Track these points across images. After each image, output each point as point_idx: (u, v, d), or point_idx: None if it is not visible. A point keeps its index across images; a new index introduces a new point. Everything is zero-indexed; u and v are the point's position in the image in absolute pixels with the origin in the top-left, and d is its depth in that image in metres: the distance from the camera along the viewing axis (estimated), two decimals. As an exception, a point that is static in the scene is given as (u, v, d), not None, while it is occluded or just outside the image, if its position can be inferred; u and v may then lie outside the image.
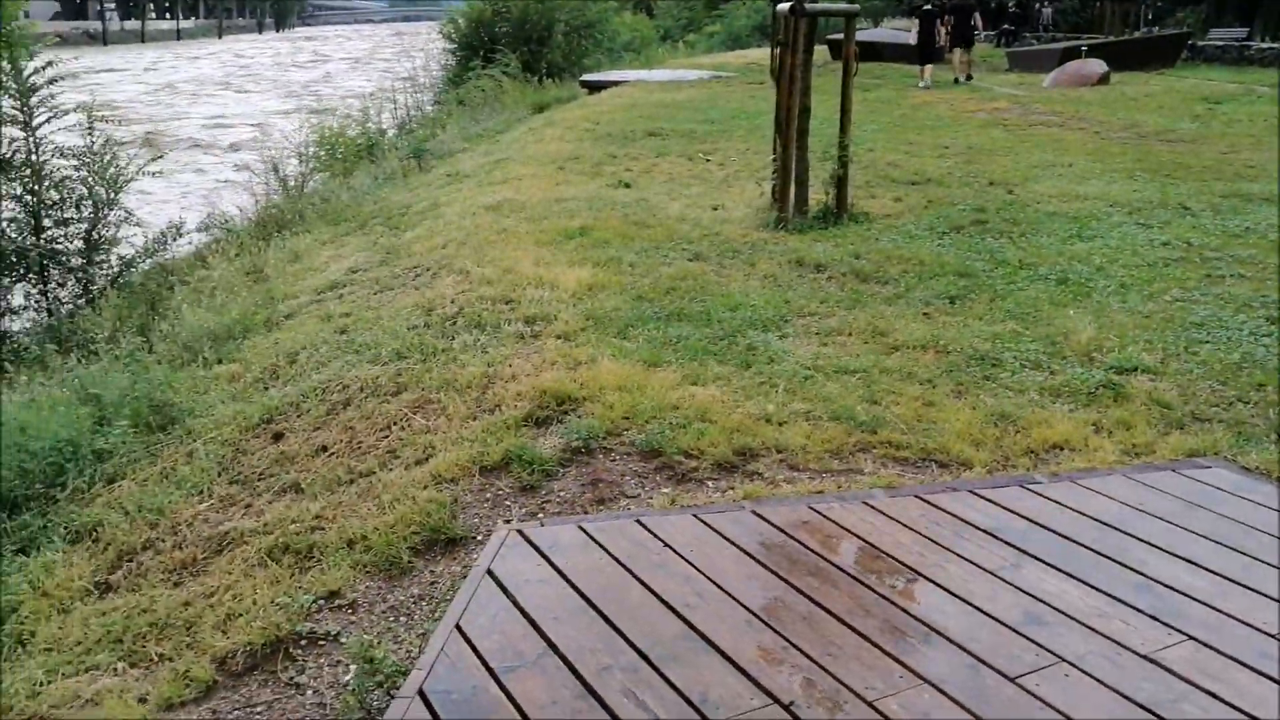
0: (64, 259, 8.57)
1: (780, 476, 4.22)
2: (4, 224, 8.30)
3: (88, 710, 3.46)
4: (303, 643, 3.56)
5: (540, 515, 4.05)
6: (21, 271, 8.43)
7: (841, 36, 8.98)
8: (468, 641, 2.98)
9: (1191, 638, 3.03)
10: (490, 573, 3.34)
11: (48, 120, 8.38)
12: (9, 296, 8.49)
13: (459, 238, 8.22)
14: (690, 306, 6.33)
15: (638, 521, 3.68)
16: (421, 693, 2.77)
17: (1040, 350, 5.59)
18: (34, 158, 8.31)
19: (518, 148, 13.33)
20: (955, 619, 3.12)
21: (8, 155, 8.24)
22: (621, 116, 15.50)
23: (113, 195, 8.69)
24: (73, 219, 8.60)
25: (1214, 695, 2.77)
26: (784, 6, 8.29)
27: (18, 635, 4.01)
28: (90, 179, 8.58)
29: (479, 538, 4.01)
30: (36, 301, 8.63)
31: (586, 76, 23.09)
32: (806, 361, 5.44)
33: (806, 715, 2.67)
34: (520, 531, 3.60)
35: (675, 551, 3.48)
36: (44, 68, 8.31)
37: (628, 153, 12.37)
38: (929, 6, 21.48)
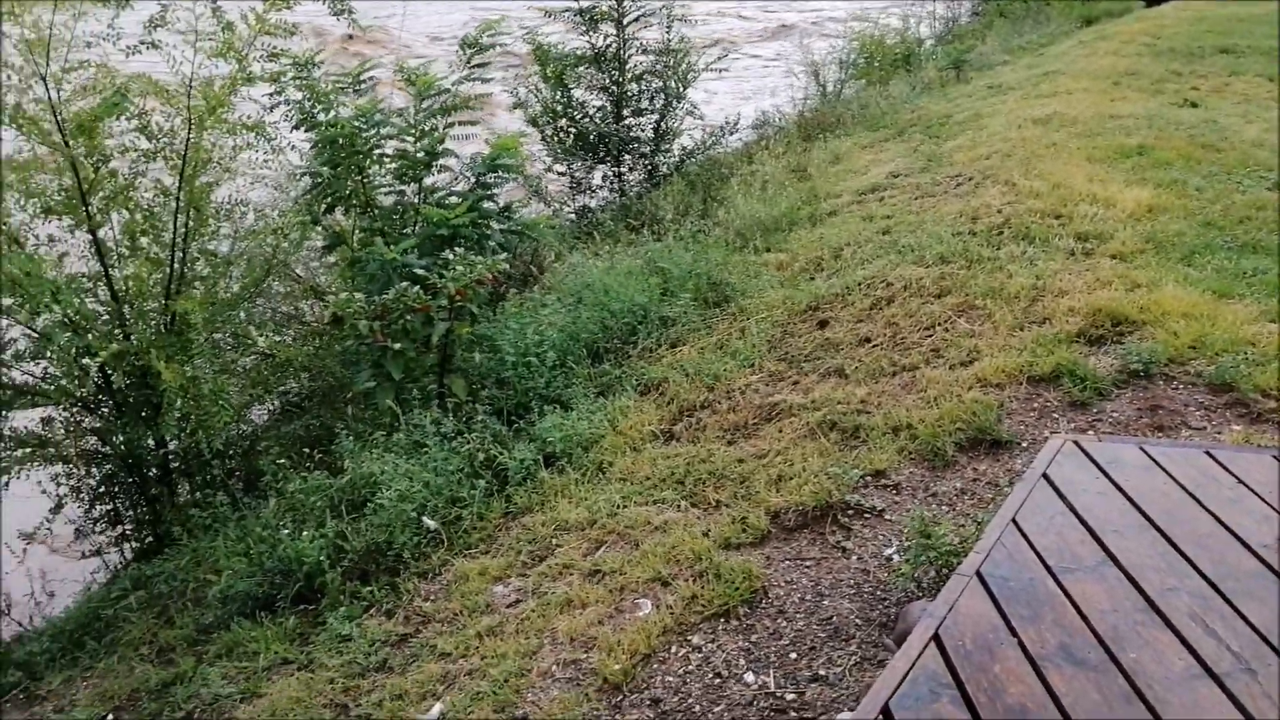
0: (636, 146, 9.51)
1: (1381, 432, 3.79)
2: (593, 111, 9.35)
3: (657, 535, 3.97)
4: (849, 512, 3.82)
5: (1090, 432, 3.97)
6: (601, 154, 9.49)
7: None
8: (1024, 537, 3.03)
9: None
10: (1046, 477, 3.35)
11: (635, 19, 9.23)
12: (591, 176, 9.61)
13: (1004, 149, 8.01)
14: (1268, 239, 5.75)
15: (1207, 453, 3.48)
16: (979, 574, 2.87)
17: None
18: (621, 53, 9.24)
19: (1066, 61, 12.58)
20: None
21: (602, 49, 9.21)
22: (1186, 30, 14.06)
23: (681, 90, 9.45)
24: (646, 110, 9.49)
25: None
26: None
27: (598, 463, 4.67)
28: (665, 73, 9.38)
29: (1024, 444, 4.03)
30: (611, 183, 9.70)
31: (1145, -13, 21.07)
32: None
33: None
34: (1077, 443, 3.55)
35: (1249, 489, 3.27)
36: (638, -30, 9.15)
37: (1194, 70, 11.24)
38: None
